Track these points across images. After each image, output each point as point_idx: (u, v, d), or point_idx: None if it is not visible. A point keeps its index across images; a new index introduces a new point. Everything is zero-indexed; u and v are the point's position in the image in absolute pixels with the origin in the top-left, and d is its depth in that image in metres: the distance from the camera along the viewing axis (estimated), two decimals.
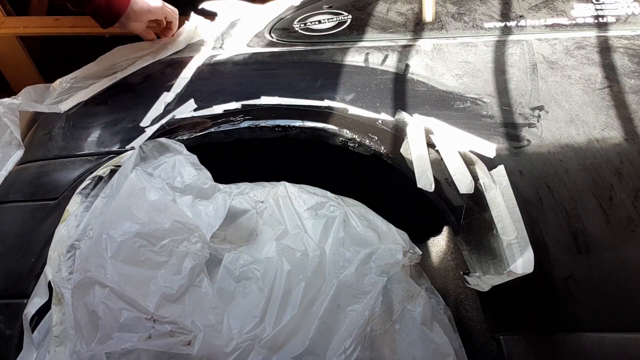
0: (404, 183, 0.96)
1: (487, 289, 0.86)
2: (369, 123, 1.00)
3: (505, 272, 0.82)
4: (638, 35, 1.06)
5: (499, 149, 0.93)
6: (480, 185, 0.89)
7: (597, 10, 1.11)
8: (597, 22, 1.10)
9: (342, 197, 1.05)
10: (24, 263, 0.94)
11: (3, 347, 0.91)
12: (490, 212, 0.87)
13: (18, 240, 0.96)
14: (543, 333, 0.86)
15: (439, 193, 0.93)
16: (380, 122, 0.99)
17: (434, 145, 0.94)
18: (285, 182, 1.05)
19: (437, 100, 1.00)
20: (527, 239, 0.84)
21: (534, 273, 0.81)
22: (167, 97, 1.08)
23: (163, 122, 1.04)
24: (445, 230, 1.33)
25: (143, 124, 1.05)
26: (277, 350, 0.81)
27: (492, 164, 0.91)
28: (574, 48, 1.04)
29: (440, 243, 1.34)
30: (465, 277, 0.92)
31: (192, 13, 1.25)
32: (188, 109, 1.05)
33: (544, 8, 1.13)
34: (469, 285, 0.91)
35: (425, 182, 0.91)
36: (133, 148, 1.01)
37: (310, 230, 0.97)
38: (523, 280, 0.82)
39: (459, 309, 1.15)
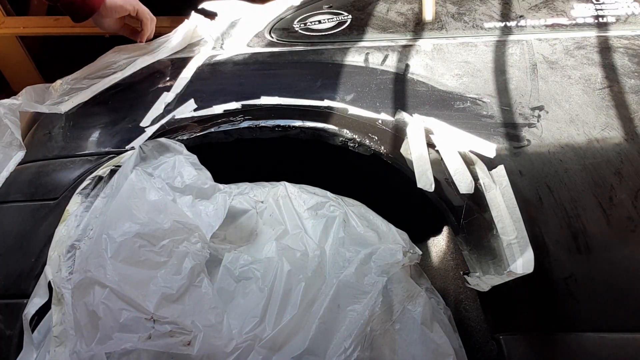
0: (404, 183, 0.96)
1: (487, 289, 0.86)
2: (369, 123, 1.00)
3: (505, 272, 0.82)
4: (638, 35, 1.06)
5: (499, 149, 0.93)
6: (480, 185, 0.89)
7: (597, 10, 1.11)
8: (597, 22, 1.10)
9: (342, 197, 1.05)
10: (24, 263, 0.94)
11: (3, 347, 0.91)
12: (490, 212, 0.87)
13: (18, 240, 0.96)
14: (543, 333, 0.86)
15: (439, 193, 0.93)
16: (380, 122, 0.99)
17: (434, 145, 0.94)
18: (285, 182, 1.05)
19: (437, 100, 1.00)
20: (527, 239, 0.84)
21: (534, 273, 0.81)
22: (167, 97, 1.08)
23: (163, 122, 1.04)
24: (445, 230, 1.33)
25: (143, 124, 1.05)
26: (277, 350, 0.81)
27: (492, 164, 0.91)
28: (574, 48, 1.04)
29: (440, 243, 1.34)
30: (465, 277, 0.92)
31: (192, 13, 1.25)
32: (188, 109, 1.05)
33: (544, 8, 1.13)
34: (469, 285, 0.91)
35: (425, 182, 0.91)
36: (133, 148, 1.01)
37: (310, 230, 0.97)
38: (523, 280, 0.82)
39: (459, 309, 1.15)
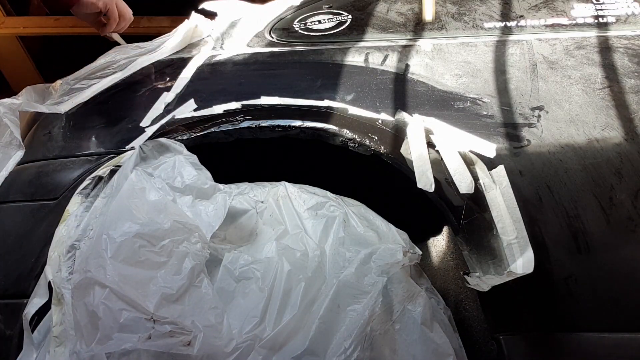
0: (404, 183, 0.96)
1: (487, 289, 0.86)
2: (369, 123, 1.00)
3: (505, 272, 0.82)
4: (638, 35, 1.06)
5: (499, 149, 0.93)
6: (480, 185, 0.89)
7: (597, 10, 1.11)
8: (597, 22, 1.10)
9: (342, 197, 1.05)
10: (24, 263, 0.94)
11: (3, 347, 0.91)
12: (490, 212, 0.87)
13: (18, 240, 0.96)
14: (543, 333, 0.86)
15: (439, 193, 0.93)
16: (380, 122, 0.99)
17: (434, 145, 0.94)
18: (285, 182, 1.05)
19: (437, 100, 1.00)
20: (527, 239, 0.84)
21: (534, 273, 0.81)
22: (167, 97, 1.08)
23: (163, 122, 1.04)
24: (445, 230, 1.33)
25: (143, 124, 1.05)
26: (277, 350, 0.81)
27: (492, 164, 0.91)
28: (574, 48, 1.04)
29: (440, 243, 1.34)
30: (465, 277, 0.92)
31: (192, 13, 1.25)
32: (188, 109, 1.05)
33: (544, 8, 1.13)
34: (469, 285, 0.91)
35: (425, 182, 0.91)
36: (133, 148, 1.01)
37: (310, 230, 0.97)
38: (523, 280, 0.82)
39: (459, 309, 1.15)
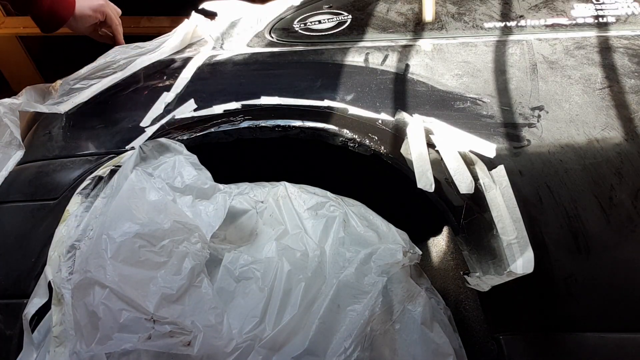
0: (404, 183, 0.96)
1: (487, 289, 0.86)
2: (369, 123, 0.99)
3: (505, 272, 0.82)
4: (638, 35, 1.06)
5: (499, 149, 0.93)
6: (480, 185, 0.89)
7: (597, 10, 1.11)
8: (597, 22, 1.10)
9: (342, 197, 1.05)
10: (24, 263, 0.94)
11: (3, 347, 0.91)
12: (490, 212, 0.87)
13: (18, 240, 0.96)
14: (543, 333, 0.86)
15: (439, 193, 0.93)
16: (380, 122, 0.99)
17: (434, 145, 0.94)
18: (285, 182, 1.05)
19: (437, 100, 1.00)
20: (527, 239, 0.84)
21: (534, 273, 0.81)
22: (167, 97, 1.08)
23: (163, 122, 1.04)
24: (445, 230, 1.33)
25: (143, 124, 1.05)
26: (277, 351, 0.81)
27: (492, 164, 0.91)
28: (574, 48, 1.04)
29: (440, 243, 1.34)
30: (465, 277, 0.92)
31: (192, 13, 1.25)
32: (188, 109, 1.05)
33: (544, 8, 1.13)
34: (469, 285, 0.91)
35: (425, 182, 0.91)
36: (133, 148, 1.01)
37: (310, 230, 0.97)
38: (523, 280, 0.82)
39: (459, 309, 1.15)
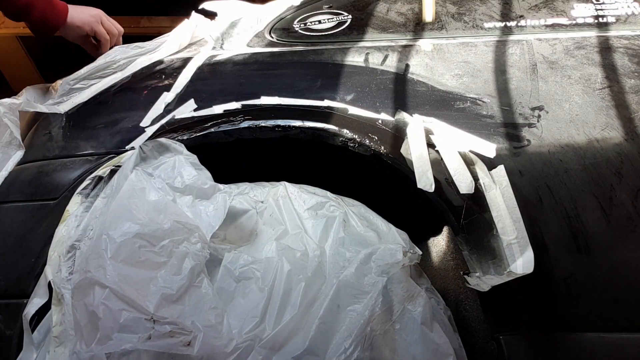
0: (404, 183, 0.96)
1: (487, 289, 0.86)
2: (369, 123, 0.99)
3: (505, 272, 0.82)
4: (638, 35, 1.06)
5: (499, 149, 0.93)
6: (480, 185, 0.89)
7: (597, 10, 1.11)
8: (597, 22, 1.10)
9: (342, 197, 1.05)
10: (24, 263, 0.94)
11: (3, 347, 0.91)
12: (490, 212, 0.87)
13: (18, 240, 0.96)
14: (543, 333, 0.86)
15: (439, 193, 0.93)
16: (380, 122, 0.99)
17: (434, 145, 0.94)
18: (285, 182, 1.05)
19: (437, 100, 1.00)
20: (527, 239, 0.84)
21: (534, 273, 0.81)
22: (167, 97, 1.08)
23: (163, 122, 1.04)
24: (445, 230, 1.33)
25: (143, 124, 1.05)
26: (277, 351, 0.81)
27: (492, 164, 0.91)
28: (574, 48, 1.04)
29: (440, 243, 1.34)
30: (465, 277, 0.92)
31: (192, 13, 1.25)
32: (188, 109, 1.05)
33: (544, 8, 1.13)
34: (469, 285, 0.91)
35: (425, 182, 0.91)
36: (133, 148, 1.01)
37: (310, 230, 0.97)
38: (523, 280, 0.82)
39: (459, 309, 1.15)
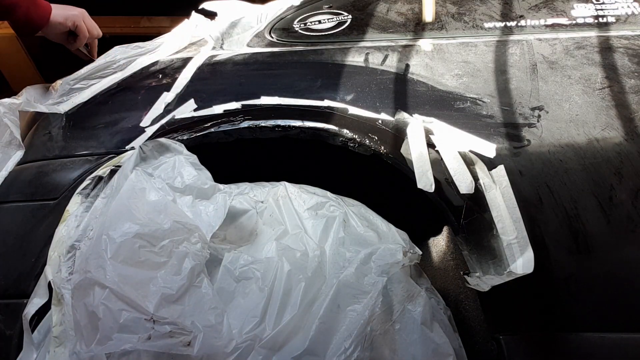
0: (404, 183, 0.96)
1: (487, 289, 0.86)
2: (369, 123, 0.99)
3: (505, 272, 0.82)
4: (638, 35, 1.05)
5: (499, 149, 0.93)
6: (480, 185, 0.89)
7: (597, 10, 1.11)
8: (597, 22, 1.10)
9: (342, 197, 1.05)
10: (24, 263, 0.94)
11: (3, 347, 0.91)
12: (490, 212, 0.87)
13: (18, 240, 0.96)
14: (543, 333, 0.86)
15: (439, 193, 0.93)
16: (380, 122, 0.99)
17: (434, 145, 0.94)
18: (285, 182, 1.05)
19: (437, 100, 1.00)
20: (527, 239, 0.84)
21: (534, 273, 0.81)
22: (167, 97, 1.08)
23: (163, 122, 1.04)
24: (445, 230, 1.33)
25: (143, 124, 1.05)
26: (277, 351, 0.81)
27: (492, 164, 0.91)
28: (574, 48, 1.04)
29: (440, 243, 1.34)
30: (465, 277, 0.92)
31: (192, 13, 1.25)
32: (188, 109, 1.05)
33: (544, 8, 1.13)
34: (469, 285, 0.91)
35: (426, 182, 0.91)
36: (133, 148, 1.01)
37: (310, 230, 0.97)
38: (523, 280, 0.82)
39: (459, 309, 1.15)
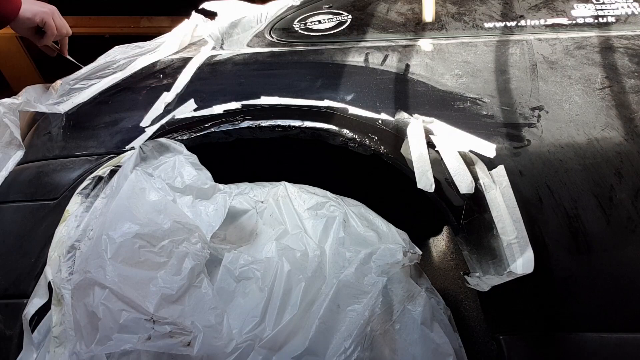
0: (404, 183, 0.96)
1: (487, 289, 0.86)
2: (369, 123, 0.99)
3: (505, 272, 0.82)
4: (638, 35, 1.05)
5: (499, 149, 0.93)
6: (480, 185, 0.89)
7: (597, 10, 1.11)
8: (597, 22, 1.10)
9: (342, 197, 1.05)
10: (24, 263, 0.94)
11: (3, 347, 0.91)
12: (490, 212, 0.87)
13: (18, 240, 0.96)
14: (543, 333, 0.86)
15: (439, 193, 0.93)
16: (380, 122, 0.99)
17: (434, 145, 0.94)
18: (285, 182, 1.05)
19: (437, 100, 1.00)
20: (527, 239, 0.84)
21: (534, 273, 0.81)
22: (167, 97, 1.08)
23: (163, 122, 1.04)
24: (445, 230, 1.33)
25: (143, 124, 1.05)
26: (277, 351, 0.81)
27: (492, 164, 0.91)
28: (574, 48, 1.04)
29: (440, 243, 1.34)
30: (465, 277, 0.92)
31: (192, 13, 1.25)
32: (188, 109, 1.05)
33: (544, 8, 1.13)
34: (469, 285, 0.91)
35: (426, 182, 0.91)
36: (133, 148, 1.01)
37: (310, 230, 0.97)
38: (523, 280, 0.82)
39: (459, 309, 1.15)
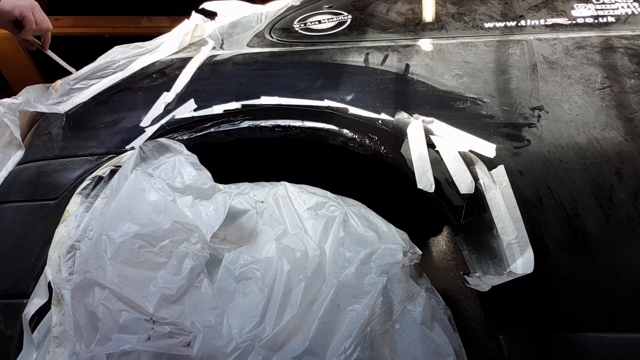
0: (404, 183, 0.96)
1: (487, 289, 0.86)
2: (369, 123, 0.99)
3: (505, 272, 0.82)
4: (638, 35, 1.05)
5: (499, 149, 0.93)
6: (480, 185, 0.89)
7: (597, 11, 1.11)
8: (597, 22, 1.10)
9: (342, 197, 1.05)
10: (24, 263, 0.94)
11: (3, 347, 0.91)
12: (490, 212, 0.87)
13: (18, 240, 0.96)
14: (543, 333, 0.86)
15: (439, 193, 0.93)
16: (380, 122, 0.99)
17: (434, 145, 0.94)
18: (285, 182, 1.05)
19: (437, 100, 1.00)
20: (527, 239, 0.84)
21: (534, 273, 0.81)
22: (167, 97, 1.08)
23: (163, 122, 1.04)
24: (445, 230, 1.33)
25: (143, 124, 1.05)
26: (277, 351, 0.81)
27: (492, 164, 0.91)
28: (574, 48, 1.04)
29: (440, 243, 1.34)
30: (465, 277, 0.92)
31: (192, 13, 1.25)
32: (188, 109, 1.05)
33: (544, 8, 1.13)
34: (469, 285, 0.91)
35: (426, 182, 0.91)
36: (133, 148, 1.01)
37: (310, 230, 0.97)
38: (523, 280, 0.82)
39: (459, 309, 1.15)
